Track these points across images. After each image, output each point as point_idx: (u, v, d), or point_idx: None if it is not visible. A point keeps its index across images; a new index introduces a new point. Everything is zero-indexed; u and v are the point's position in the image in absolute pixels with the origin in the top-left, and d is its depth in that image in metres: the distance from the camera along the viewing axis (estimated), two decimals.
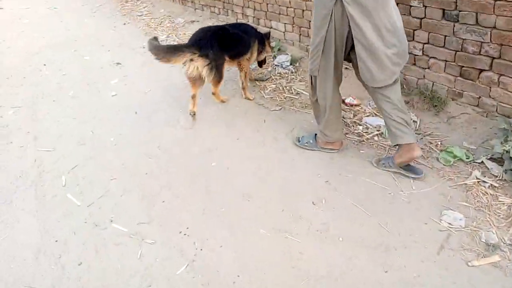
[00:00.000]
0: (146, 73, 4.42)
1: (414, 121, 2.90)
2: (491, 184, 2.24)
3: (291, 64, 3.98)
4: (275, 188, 2.43)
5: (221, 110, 3.44)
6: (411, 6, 2.84)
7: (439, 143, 2.66)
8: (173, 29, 5.79)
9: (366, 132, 2.90)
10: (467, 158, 2.45)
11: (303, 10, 3.90)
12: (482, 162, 2.40)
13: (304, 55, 4.06)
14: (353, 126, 2.99)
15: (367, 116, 3.10)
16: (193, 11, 6.09)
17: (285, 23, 4.25)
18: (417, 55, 2.95)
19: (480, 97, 2.65)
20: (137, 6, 7.25)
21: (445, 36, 2.70)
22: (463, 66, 2.68)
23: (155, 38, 3.15)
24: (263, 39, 3.55)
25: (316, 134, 2.76)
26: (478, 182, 2.28)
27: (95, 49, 5.36)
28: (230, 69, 3.74)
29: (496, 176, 2.29)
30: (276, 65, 4.06)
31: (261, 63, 3.79)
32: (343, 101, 3.29)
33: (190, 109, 3.29)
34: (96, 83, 4.26)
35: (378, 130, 2.89)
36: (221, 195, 2.42)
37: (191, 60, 3.01)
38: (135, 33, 5.92)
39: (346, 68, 3.63)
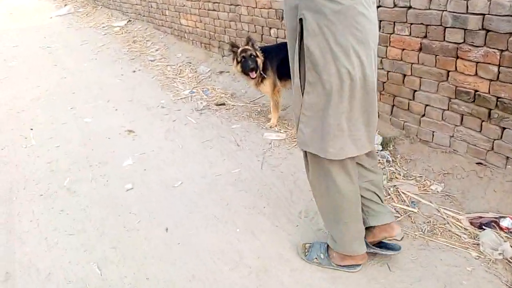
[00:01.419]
0: (171, 149, 3.20)
1: None
2: None
3: (383, 148, 2.81)
4: None
5: (300, 228, 2.21)
6: None
7: None
8: (197, 81, 4.63)
9: None
10: None
11: (404, 75, 2.75)
12: None
13: (399, 134, 2.90)
14: None
15: None
16: (220, 59, 4.96)
17: None
18: None
19: None
20: (147, 48, 6.11)
21: None
22: None
23: None
24: None
25: None
26: None
27: (99, 107, 4.15)
28: None
29: None
30: None
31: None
32: (497, 224, 2.11)
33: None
34: (102, 165, 3.03)
35: None
36: None
37: None
38: (149, 84, 4.74)
39: (481, 163, 2.46)
